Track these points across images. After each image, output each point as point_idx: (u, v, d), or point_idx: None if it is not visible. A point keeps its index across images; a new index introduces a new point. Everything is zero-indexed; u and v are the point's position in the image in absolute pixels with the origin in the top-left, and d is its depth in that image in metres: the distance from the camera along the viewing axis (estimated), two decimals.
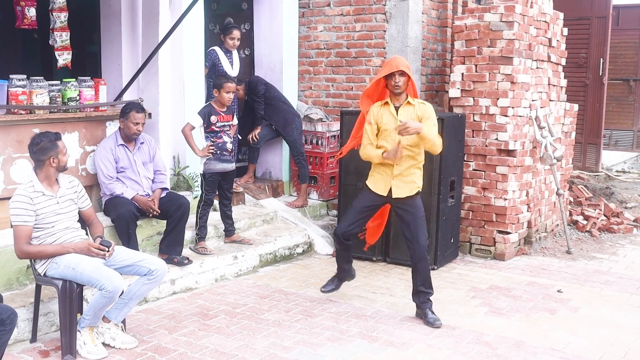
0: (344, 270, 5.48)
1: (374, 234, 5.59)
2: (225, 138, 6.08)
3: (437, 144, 4.92)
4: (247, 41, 8.25)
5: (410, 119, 4.88)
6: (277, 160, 8.20)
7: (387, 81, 4.95)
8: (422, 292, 5.09)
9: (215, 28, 8.23)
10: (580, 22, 10.22)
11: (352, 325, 4.96)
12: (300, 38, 8.28)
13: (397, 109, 4.98)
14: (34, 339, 4.51)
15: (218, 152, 6.05)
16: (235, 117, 6.32)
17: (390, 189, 5.01)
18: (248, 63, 8.31)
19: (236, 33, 7.09)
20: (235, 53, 7.23)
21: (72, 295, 4.27)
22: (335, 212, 7.91)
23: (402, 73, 4.89)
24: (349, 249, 5.35)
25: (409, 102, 4.98)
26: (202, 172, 6.11)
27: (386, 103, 5.03)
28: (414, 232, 5.03)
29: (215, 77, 6.45)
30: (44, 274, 4.33)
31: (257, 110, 7.68)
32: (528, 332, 4.90)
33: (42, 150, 4.27)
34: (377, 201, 5.14)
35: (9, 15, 6.35)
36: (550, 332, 4.92)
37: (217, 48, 7.05)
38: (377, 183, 5.08)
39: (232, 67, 7.10)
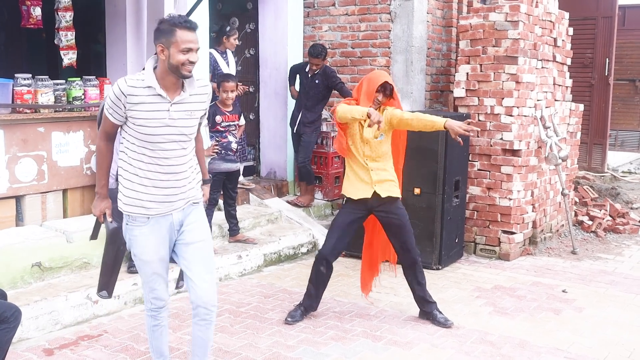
0: (313, 299, 5.06)
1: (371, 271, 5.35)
2: (230, 138, 6.09)
3: (423, 118, 4.67)
4: (252, 41, 8.27)
5: (378, 130, 4.74)
6: (282, 160, 8.20)
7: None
8: (429, 302, 5.06)
9: None
10: (586, 22, 10.20)
11: (355, 325, 4.95)
12: (305, 38, 8.29)
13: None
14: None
15: (222, 151, 6.06)
16: (242, 118, 6.33)
17: (375, 192, 4.81)
18: (253, 63, 8.32)
19: (237, 33, 7.20)
20: (230, 53, 7.26)
21: (121, 247, 3.72)
22: None
23: (389, 92, 4.78)
24: (330, 272, 5.04)
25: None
26: None
27: None
28: (406, 242, 4.93)
29: (217, 77, 6.46)
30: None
31: (348, 94, 7.14)
32: (532, 332, 4.89)
33: (157, 33, 3.30)
34: (360, 211, 4.92)
35: (15, 14, 6.38)
36: (555, 332, 4.91)
37: (212, 51, 7.10)
38: (357, 190, 4.86)
39: (228, 67, 7.16)
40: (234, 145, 6.13)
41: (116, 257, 3.78)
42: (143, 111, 3.26)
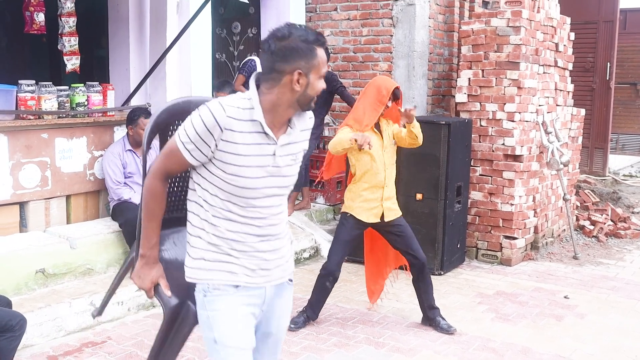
0: (316, 309, 5.09)
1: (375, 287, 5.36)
2: None
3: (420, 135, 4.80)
4: (254, 45, 8.27)
5: (390, 137, 4.86)
6: None
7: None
8: (434, 308, 5.09)
9: (222, 32, 8.24)
10: (588, 27, 10.21)
11: (358, 331, 4.97)
12: None
13: (377, 126, 4.86)
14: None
15: None
16: None
17: (383, 213, 4.83)
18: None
19: None
20: None
21: (184, 330, 2.71)
22: None
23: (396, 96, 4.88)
24: (334, 285, 5.06)
25: (387, 122, 4.91)
26: None
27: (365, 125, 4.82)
28: (412, 248, 4.95)
29: (225, 83, 6.44)
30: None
31: (349, 100, 7.26)
32: (534, 339, 4.90)
33: (291, 54, 2.33)
34: (363, 227, 4.95)
35: (17, 19, 6.38)
36: (557, 339, 4.92)
37: (256, 59, 7.21)
38: (365, 211, 4.84)
39: None
40: None
41: (173, 348, 2.75)
42: (241, 155, 2.33)
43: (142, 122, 5.56)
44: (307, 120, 2.54)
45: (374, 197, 4.81)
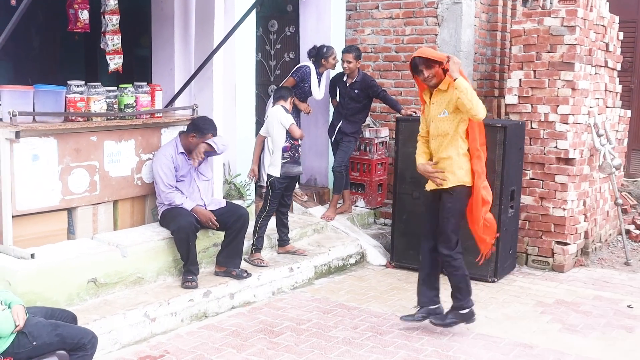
0: (427, 299, 5.01)
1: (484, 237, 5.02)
2: (300, 141, 6.14)
3: (473, 102, 4.52)
4: (292, 44, 8.06)
5: (442, 106, 4.72)
6: (323, 166, 7.99)
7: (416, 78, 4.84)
8: (455, 297, 4.94)
9: (258, 31, 8.01)
10: (626, 25, 9.91)
11: (425, 344, 4.76)
12: (347, 41, 8.06)
13: (430, 96, 4.84)
14: None
15: (295, 154, 6.06)
16: None
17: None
18: (292, 67, 8.08)
19: (334, 52, 7.17)
20: (324, 76, 7.28)
21: None
22: (383, 220, 7.70)
23: (427, 65, 4.66)
24: (437, 264, 4.95)
25: (439, 89, 4.74)
26: (270, 181, 6.01)
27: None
28: (438, 234, 4.82)
29: (286, 89, 6.29)
30: None
31: (393, 103, 7.24)
32: (609, 352, 4.69)
33: None
34: (432, 199, 4.89)
35: (50, 19, 6.13)
36: (632, 352, 4.72)
37: (311, 65, 7.09)
38: (427, 179, 4.92)
39: (318, 89, 7.18)
40: (300, 149, 6.21)
41: None
42: None
43: (209, 137, 5.39)
44: None
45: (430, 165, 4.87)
